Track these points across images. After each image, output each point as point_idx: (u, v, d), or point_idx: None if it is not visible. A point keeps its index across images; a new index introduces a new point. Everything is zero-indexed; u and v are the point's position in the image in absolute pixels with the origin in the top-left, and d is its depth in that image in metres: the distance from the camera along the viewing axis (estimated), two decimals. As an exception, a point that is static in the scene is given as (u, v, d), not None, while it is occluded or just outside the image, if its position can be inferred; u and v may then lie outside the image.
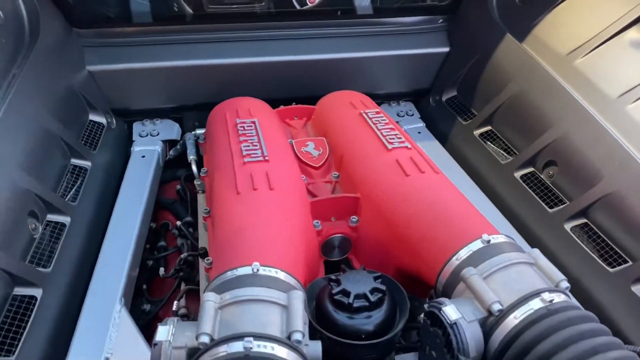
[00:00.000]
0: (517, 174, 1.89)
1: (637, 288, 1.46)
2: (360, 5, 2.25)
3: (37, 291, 1.37)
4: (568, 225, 1.67)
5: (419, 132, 2.28)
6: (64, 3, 1.93)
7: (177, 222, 1.94)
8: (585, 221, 1.65)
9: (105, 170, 1.89)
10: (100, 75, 2.07)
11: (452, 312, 1.03)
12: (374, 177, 1.49)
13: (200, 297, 1.58)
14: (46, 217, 1.54)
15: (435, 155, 1.86)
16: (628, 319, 1.46)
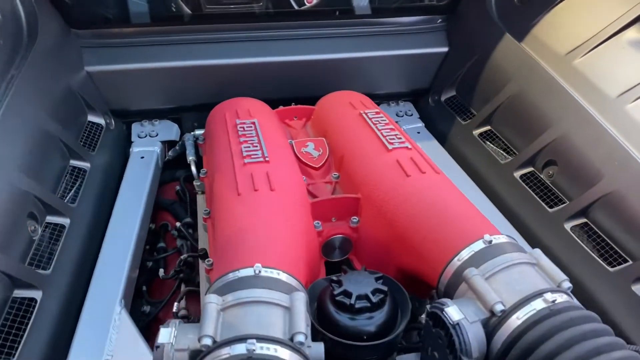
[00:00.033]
0: (517, 173, 1.89)
1: (637, 287, 1.46)
2: (358, 5, 2.25)
3: (36, 293, 1.37)
4: (568, 224, 1.67)
5: (418, 132, 2.28)
6: (62, 4, 1.93)
7: (177, 223, 1.93)
8: (585, 221, 1.66)
9: (104, 172, 1.88)
10: (98, 76, 2.06)
11: (455, 312, 1.03)
12: (375, 178, 1.49)
13: (201, 299, 1.59)
14: (45, 219, 1.54)
15: (435, 155, 1.86)
16: (628, 318, 1.46)
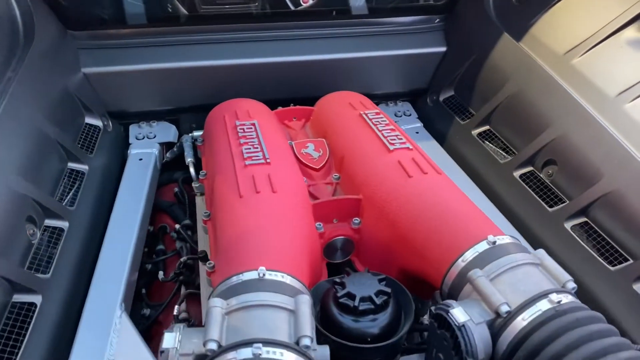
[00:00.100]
0: (516, 173, 1.88)
1: (638, 286, 1.46)
2: (356, 5, 2.24)
3: (36, 298, 1.35)
4: (568, 224, 1.67)
5: (417, 132, 2.27)
6: (58, 5, 1.91)
7: (176, 225, 1.92)
8: (585, 220, 1.65)
9: (102, 174, 1.86)
10: (95, 78, 2.05)
11: (460, 314, 1.03)
12: (376, 179, 1.48)
13: (202, 301, 1.58)
14: (44, 222, 1.52)
15: (434, 155, 1.85)
16: (629, 317, 1.45)
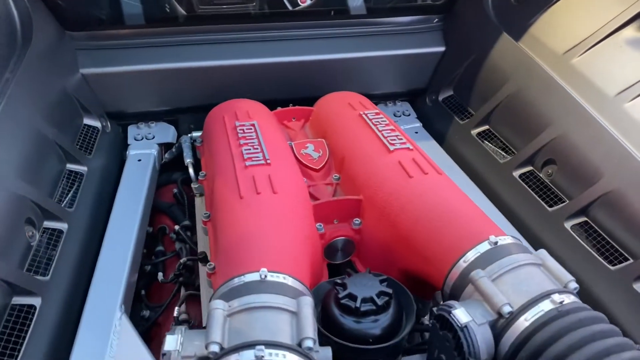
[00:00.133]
0: (516, 173, 1.88)
1: (638, 285, 1.46)
2: (354, 5, 2.24)
3: (36, 300, 1.34)
4: (568, 223, 1.67)
5: (416, 132, 2.27)
6: (56, 6, 1.90)
7: (175, 226, 1.91)
8: (585, 219, 1.65)
9: (101, 175, 1.85)
10: (93, 79, 2.04)
11: (463, 315, 1.03)
12: (377, 179, 1.48)
13: (202, 303, 1.57)
14: (43, 224, 1.51)
15: (433, 155, 1.85)
16: (630, 316, 1.45)
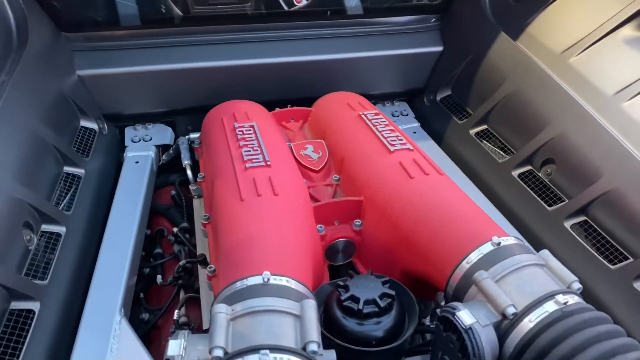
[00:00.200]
0: (515, 172, 1.88)
1: (638, 284, 1.46)
2: (350, 5, 2.23)
3: (34, 304, 1.33)
4: (568, 223, 1.67)
5: (414, 132, 2.27)
6: (51, 7, 1.88)
7: (174, 228, 1.90)
8: (584, 219, 1.65)
9: (98, 178, 1.84)
10: (90, 80, 2.02)
11: (467, 316, 1.03)
12: (378, 180, 1.47)
13: (202, 305, 1.56)
14: (41, 228, 1.50)
15: (432, 155, 1.84)
16: (630, 315, 1.46)
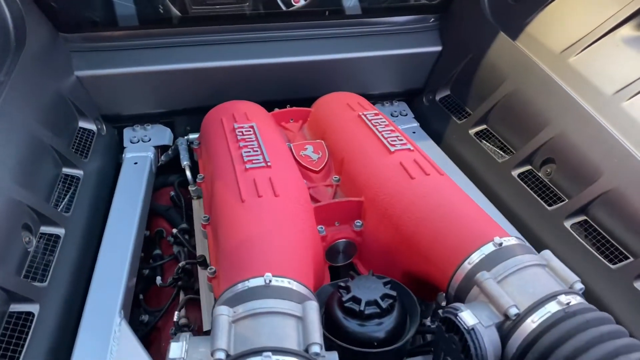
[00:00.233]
0: (515, 172, 1.88)
1: (639, 284, 1.46)
2: (349, 5, 2.23)
3: (34, 307, 1.32)
4: (568, 222, 1.67)
5: (414, 132, 2.27)
6: (49, 8, 1.87)
7: (173, 229, 1.89)
8: (585, 218, 1.65)
9: (97, 179, 1.83)
10: (88, 81, 2.01)
11: (469, 317, 1.02)
12: (378, 181, 1.47)
13: (202, 307, 1.56)
14: (40, 230, 1.49)
15: (431, 155, 1.84)
16: (630, 315, 1.46)
